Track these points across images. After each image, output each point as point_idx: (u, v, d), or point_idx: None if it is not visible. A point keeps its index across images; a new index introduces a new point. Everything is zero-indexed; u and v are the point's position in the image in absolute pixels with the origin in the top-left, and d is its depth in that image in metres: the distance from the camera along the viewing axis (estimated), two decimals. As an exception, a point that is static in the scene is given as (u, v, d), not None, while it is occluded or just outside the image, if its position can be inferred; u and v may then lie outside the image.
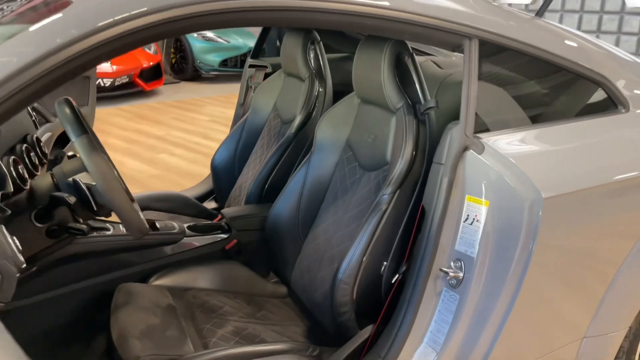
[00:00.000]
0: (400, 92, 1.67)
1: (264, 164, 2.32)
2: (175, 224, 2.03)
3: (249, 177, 2.48)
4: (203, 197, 2.81)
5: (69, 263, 1.79)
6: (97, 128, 5.87)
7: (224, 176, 2.69)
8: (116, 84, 7.11)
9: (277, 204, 2.03)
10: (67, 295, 1.78)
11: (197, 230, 2.08)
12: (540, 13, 1.67)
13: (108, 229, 1.91)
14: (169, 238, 1.98)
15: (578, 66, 1.59)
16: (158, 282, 1.87)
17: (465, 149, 1.43)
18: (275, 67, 2.82)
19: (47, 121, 3.07)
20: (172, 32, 1.10)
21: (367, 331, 1.62)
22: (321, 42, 2.37)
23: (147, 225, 1.44)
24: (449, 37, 1.43)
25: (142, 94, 7.62)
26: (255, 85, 2.78)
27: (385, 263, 1.63)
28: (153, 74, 7.67)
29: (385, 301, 1.61)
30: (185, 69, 8.91)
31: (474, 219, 1.43)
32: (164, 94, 7.86)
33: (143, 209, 2.56)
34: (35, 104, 2.98)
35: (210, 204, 2.79)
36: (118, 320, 1.63)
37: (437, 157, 1.50)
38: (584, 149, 1.54)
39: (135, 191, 4.25)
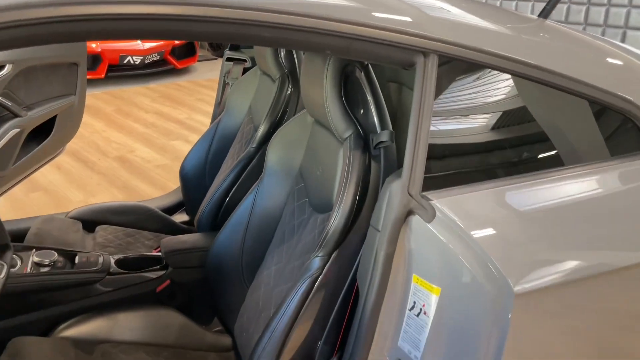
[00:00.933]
0: (347, 117, 1.25)
1: (221, 181, 1.95)
2: (101, 259, 1.69)
3: (214, 193, 2.12)
4: (173, 209, 2.47)
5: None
6: (120, 109, 5.68)
7: (193, 186, 2.34)
8: (146, 61, 6.86)
9: (220, 237, 1.67)
10: None
11: (127, 265, 1.74)
12: (545, 14, 1.20)
13: (13, 265, 1.60)
14: (86, 278, 1.64)
15: (594, 89, 1.13)
16: (64, 334, 1.54)
17: (410, 213, 1.01)
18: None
19: (17, 116, 2.81)
20: None
21: None
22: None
23: None
24: (393, 53, 0.99)
25: (174, 71, 7.36)
26: (232, 82, 2.40)
27: (319, 342, 1.24)
28: (186, 51, 7.38)
29: None
30: (223, 45, 8.59)
31: (421, 309, 1.02)
32: (197, 72, 7.58)
33: (100, 222, 2.25)
34: (1, 98, 2.71)
35: (182, 216, 2.46)
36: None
37: (374, 219, 1.08)
38: (587, 214, 1.07)
39: (137, 183, 4.01)
